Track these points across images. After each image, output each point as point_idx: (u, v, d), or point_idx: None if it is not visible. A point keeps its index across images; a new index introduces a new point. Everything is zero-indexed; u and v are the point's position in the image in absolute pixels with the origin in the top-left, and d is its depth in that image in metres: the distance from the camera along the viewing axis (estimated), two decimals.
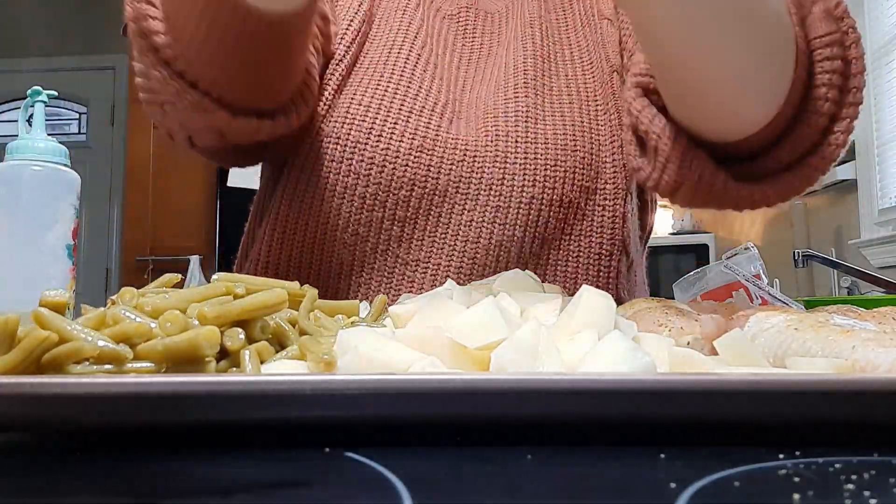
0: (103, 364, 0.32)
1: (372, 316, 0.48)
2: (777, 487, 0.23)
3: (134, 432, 0.31)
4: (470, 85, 0.72)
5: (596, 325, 0.37)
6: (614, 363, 0.32)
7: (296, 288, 0.44)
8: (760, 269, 1.24)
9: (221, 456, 0.28)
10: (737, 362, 0.35)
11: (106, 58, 4.31)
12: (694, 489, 0.23)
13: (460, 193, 0.66)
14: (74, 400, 0.28)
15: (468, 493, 0.23)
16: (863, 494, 0.22)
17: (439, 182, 0.66)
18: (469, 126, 0.68)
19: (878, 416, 0.29)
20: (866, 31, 2.24)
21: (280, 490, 0.24)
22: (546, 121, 0.68)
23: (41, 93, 0.67)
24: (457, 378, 0.29)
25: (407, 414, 0.29)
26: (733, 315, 0.44)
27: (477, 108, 0.69)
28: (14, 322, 0.32)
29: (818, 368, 0.33)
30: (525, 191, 0.65)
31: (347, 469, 0.26)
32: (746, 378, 0.29)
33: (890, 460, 0.26)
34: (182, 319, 0.34)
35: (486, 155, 0.66)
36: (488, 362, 0.32)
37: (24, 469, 0.27)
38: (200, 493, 0.24)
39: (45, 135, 0.65)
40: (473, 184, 0.66)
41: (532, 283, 0.49)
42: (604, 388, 0.28)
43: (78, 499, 0.23)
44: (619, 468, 0.26)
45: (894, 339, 0.33)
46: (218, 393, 0.28)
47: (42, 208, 0.62)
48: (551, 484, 0.24)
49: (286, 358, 0.37)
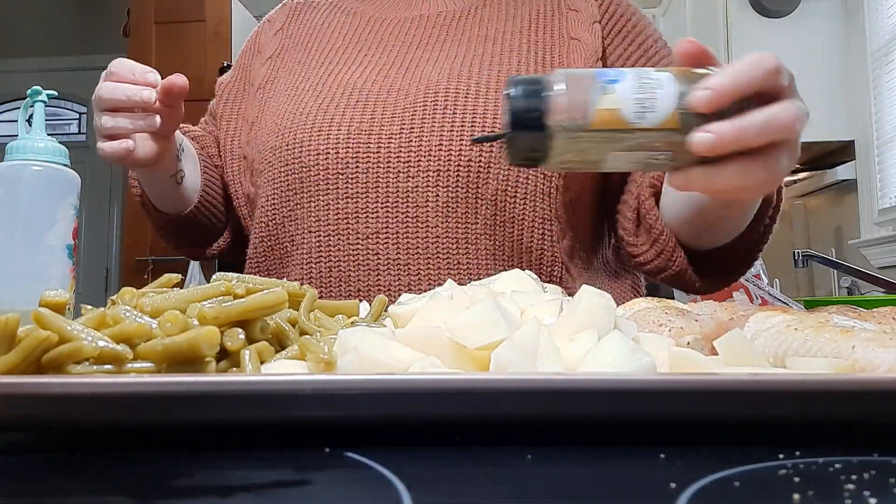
0: (103, 364, 0.32)
1: (372, 316, 0.48)
2: (777, 487, 0.23)
3: (134, 432, 0.31)
4: (416, 66, 0.78)
5: (596, 325, 0.37)
6: (614, 363, 0.32)
7: (296, 288, 0.44)
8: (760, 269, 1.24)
9: (221, 456, 0.28)
10: (737, 362, 0.35)
11: (106, 58, 4.29)
12: (694, 489, 0.23)
13: (402, 162, 0.72)
14: (74, 400, 0.28)
15: (468, 493, 0.23)
16: (863, 494, 0.22)
17: (381, 155, 0.72)
18: (409, 100, 0.74)
19: (878, 416, 0.29)
20: (866, 31, 2.24)
21: (280, 490, 0.24)
22: (489, 96, 0.74)
23: (41, 93, 0.66)
24: (457, 378, 0.29)
25: (407, 414, 0.29)
26: (733, 315, 0.44)
27: (420, 84, 0.76)
28: (14, 322, 0.32)
29: (818, 368, 0.33)
30: (462, 153, 0.71)
31: (347, 469, 0.26)
32: (746, 378, 0.29)
33: (890, 460, 0.26)
34: (182, 319, 0.34)
35: (424, 125, 0.72)
36: (488, 362, 0.32)
37: (24, 469, 0.27)
38: (200, 493, 0.24)
39: (45, 135, 0.65)
40: (413, 152, 0.72)
41: (532, 283, 0.49)
42: (604, 388, 0.28)
43: (78, 499, 0.23)
44: (619, 468, 0.26)
45: (894, 338, 0.33)
46: (218, 393, 0.28)
47: (42, 208, 0.62)
48: (551, 484, 0.24)
49: (286, 358, 0.37)
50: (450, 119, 0.72)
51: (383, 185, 0.72)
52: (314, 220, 0.74)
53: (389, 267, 0.71)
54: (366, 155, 0.72)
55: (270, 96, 0.84)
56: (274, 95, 0.83)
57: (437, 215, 0.71)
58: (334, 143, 0.73)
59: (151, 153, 0.69)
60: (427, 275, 0.71)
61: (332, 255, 0.73)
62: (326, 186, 0.73)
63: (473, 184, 0.71)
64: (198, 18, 3.22)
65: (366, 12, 0.87)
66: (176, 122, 0.71)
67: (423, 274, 0.71)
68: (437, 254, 0.71)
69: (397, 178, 0.71)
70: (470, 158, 0.71)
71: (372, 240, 0.71)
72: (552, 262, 0.73)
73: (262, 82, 0.87)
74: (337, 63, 0.81)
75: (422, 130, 0.72)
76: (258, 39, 0.92)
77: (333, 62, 0.82)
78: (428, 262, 0.71)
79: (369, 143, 0.72)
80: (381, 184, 0.72)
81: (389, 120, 0.73)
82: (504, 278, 0.50)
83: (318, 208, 0.73)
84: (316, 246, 0.73)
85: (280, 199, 0.76)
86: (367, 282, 0.72)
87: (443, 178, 0.71)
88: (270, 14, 0.94)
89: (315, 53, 0.84)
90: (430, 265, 0.71)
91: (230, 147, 0.87)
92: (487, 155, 0.71)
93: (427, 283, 0.71)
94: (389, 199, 0.71)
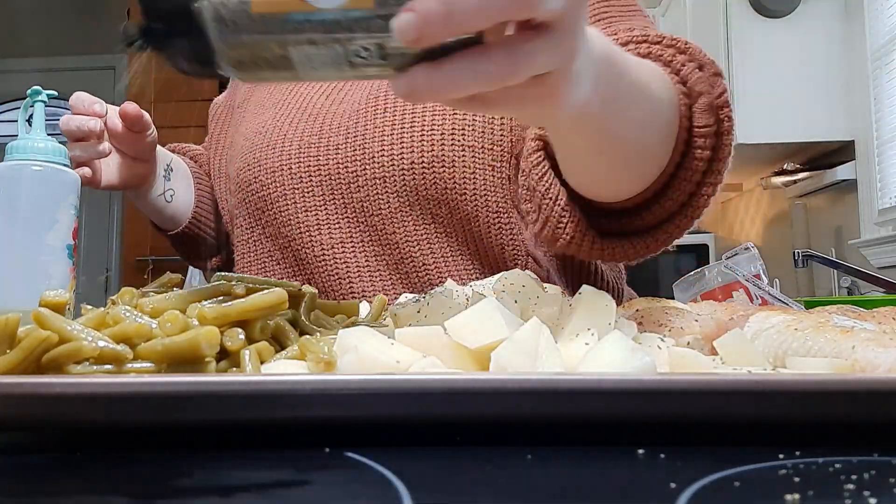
0: (103, 364, 0.32)
1: (372, 316, 0.48)
2: (777, 487, 0.23)
3: (134, 432, 0.31)
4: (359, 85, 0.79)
5: (596, 325, 0.37)
6: (614, 363, 0.32)
7: (296, 288, 0.44)
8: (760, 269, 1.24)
9: (221, 456, 0.28)
10: (737, 362, 0.35)
11: (106, 58, 4.31)
12: (694, 489, 0.23)
13: (350, 172, 0.72)
14: (74, 400, 0.28)
15: (468, 493, 0.23)
16: (863, 494, 0.22)
17: (330, 167, 0.73)
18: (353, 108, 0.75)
19: (878, 416, 0.29)
20: (866, 31, 2.24)
21: (280, 490, 0.24)
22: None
23: (41, 93, 0.66)
24: (457, 378, 0.29)
25: (407, 414, 0.29)
26: (733, 315, 0.44)
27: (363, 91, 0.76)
28: (14, 322, 0.32)
29: (818, 368, 0.33)
30: (404, 157, 0.70)
31: (347, 469, 0.26)
32: (746, 378, 0.29)
33: (890, 460, 0.26)
34: (182, 319, 0.34)
35: (367, 132, 0.72)
36: (488, 362, 0.32)
37: (24, 469, 0.27)
38: (200, 493, 0.24)
39: (45, 135, 0.65)
40: (358, 161, 0.72)
41: (532, 283, 0.49)
42: (604, 388, 0.28)
43: (78, 499, 0.23)
44: (619, 468, 0.26)
45: (894, 339, 0.33)
46: (218, 393, 0.28)
47: (42, 208, 0.62)
48: (551, 484, 0.24)
49: (286, 358, 0.37)
50: (389, 122, 0.72)
51: (338, 195, 0.73)
52: (283, 237, 0.75)
53: (360, 274, 0.72)
54: (316, 168, 0.73)
55: (244, 116, 0.86)
56: (246, 115, 0.85)
57: (394, 221, 0.71)
58: (286, 158, 0.75)
59: (119, 177, 0.75)
60: (399, 279, 0.72)
61: (305, 267, 0.75)
62: (285, 202, 0.75)
63: (421, 186, 0.70)
64: None
65: None
66: (146, 145, 0.75)
67: (395, 278, 0.72)
68: (403, 259, 0.71)
69: (349, 189, 0.72)
70: (412, 161, 0.70)
71: (338, 249, 0.73)
72: (515, 254, 0.72)
73: (240, 101, 0.89)
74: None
75: (364, 138, 0.72)
76: None
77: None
78: (396, 268, 0.72)
79: (318, 155, 0.74)
80: (336, 195, 0.73)
81: (336, 130, 0.74)
82: (504, 278, 0.50)
83: (281, 224, 0.75)
84: (292, 260, 0.76)
85: (252, 218, 0.79)
86: (340, 290, 0.73)
87: (389, 184, 0.71)
88: None
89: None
90: (400, 270, 0.72)
91: (217, 166, 0.90)
92: (429, 156, 0.70)
93: (402, 286, 0.71)
94: (347, 209, 0.72)
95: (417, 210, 0.71)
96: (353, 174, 0.72)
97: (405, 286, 0.72)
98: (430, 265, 0.71)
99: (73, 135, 0.69)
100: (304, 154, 0.74)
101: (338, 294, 0.73)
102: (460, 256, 0.72)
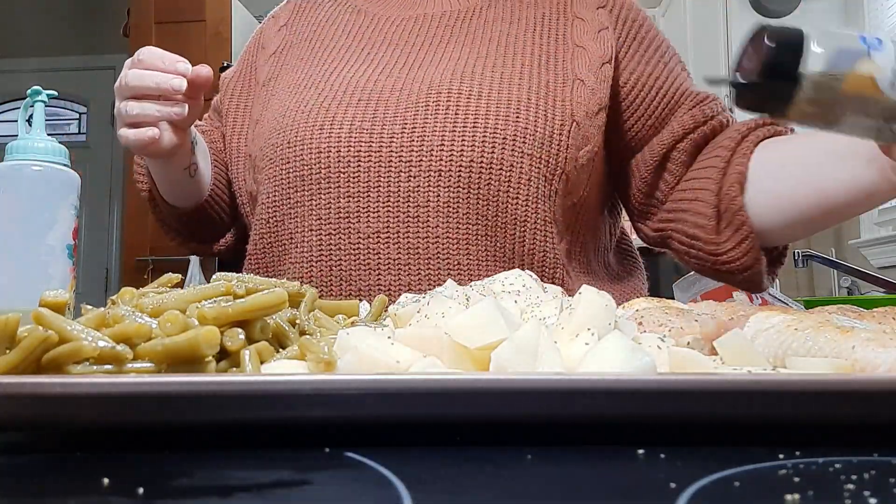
0: (103, 364, 0.32)
1: (372, 316, 0.48)
2: (777, 487, 0.23)
3: (134, 432, 0.31)
4: (419, 65, 0.78)
5: (596, 325, 0.37)
6: (614, 363, 0.32)
7: (296, 288, 0.44)
8: None
9: (221, 456, 0.28)
10: (737, 362, 0.35)
11: (106, 58, 4.31)
12: (694, 489, 0.23)
13: (403, 162, 0.71)
14: (74, 400, 0.28)
15: (468, 493, 0.23)
16: (863, 494, 0.22)
17: (382, 154, 0.72)
18: (411, 100, 0.74)
19: (878, 416, 0.29)
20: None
21: (280, 490, 0.24)
22: (491, 97, 0.74)
23: (41, 93, 0.66)
24: (457, 378, 0.29)
25: (407, 414, 0.29)
26: (733, 315, 0.44)
27: (423, 84, 0.76)
28: (14, 322, 0.32)
29: (818, 368, 0.33)
30: (464, 154, 0.71)
31: (347, 469, 0.26)
32: (746, 378, 0.29)
33: (890, 460, 0.26)
34: (182, 319, 0.34)
35: (426, 125, 0.72)
36: (488, 362, 0.32)
37: (24, 469, 0.27)
38: (200, 493, 0.24)
39: (45, 135, 0.65)
40: (414, 152, 0.71)
41: (533, 282, 0.49)
42: (604, 388, 0.28)
43: (78, 499, 0.23)
44: (619, 468, 0.26)
45: (894, 339, 0.33)
46: (218, 393, 0.28)
47: (42, 208, 0.62)
48: (551, 484, 0.24)
49: (286, 358, 0.37)
50: (451, 119, 0.72)
51: (384, 184, 0.71)
52: (315, 219, 0.73)
53: (390, 267, 0.71)
54: (367, 154, 0.72)
55: (273, 93, 0.83)
56: (277, 93, 0.83)
57: (438, 215, 0.71)
58: (336, 141, 0.73)
59: (172, 143, 0.70)
60: (427, 275, 0.71)
61: (332, 253, 0.73)
62: (328, 185, 0.73)
63: (475, 184, 0.71)
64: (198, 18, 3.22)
65: (369, 10, 0.87)
66: (196, 113, 0.71)
67: (423, 274, 0.71)
68: (438, 254, 0.71)
69: (398, 178, 0.71)
70: (472, 159, 0.71)
71: (372, 239, 0.71)
72: (553, 264, 0.73)
73: (265, 79, 0.86)
74: (340, 60, 0.81)
75: (423, 130, 0.72)
76: (262, 35, 0.92)
77: (337, 59, 0.81)
78: (428, 263, 0.71)
79: (371, 142, 0.72)
80: (381, 183, 0.72)
81: (391, 119, 0.73)
82: (504, 278, 0.50)
83: (318, 206, 0.73)
84: (316, 244, 0.73)
85: (280, 196, 0.76)
86: (367, 281, 0.72)
87: (444, 178, 0.71)
88: (275, 10, 0.95)
89: (318, 50, 0.84)
90: (431, 265, 0.71)
91: (236, 145, 0.87)
92: (489, 156, 0.71)
93: (427, 283, 0.71)
94: (391, 198, 0.71)
95: (464, 208, 0.71)
96: (406, 163, 0.71)
97: (431, 283, 0.71)
98: (462, 265, 0.71)
99: (149, 91, 0.65)
100: (354, 139, 0.73)
101: (363, 285, 0.72)
102: (495, 259, 0.72)
